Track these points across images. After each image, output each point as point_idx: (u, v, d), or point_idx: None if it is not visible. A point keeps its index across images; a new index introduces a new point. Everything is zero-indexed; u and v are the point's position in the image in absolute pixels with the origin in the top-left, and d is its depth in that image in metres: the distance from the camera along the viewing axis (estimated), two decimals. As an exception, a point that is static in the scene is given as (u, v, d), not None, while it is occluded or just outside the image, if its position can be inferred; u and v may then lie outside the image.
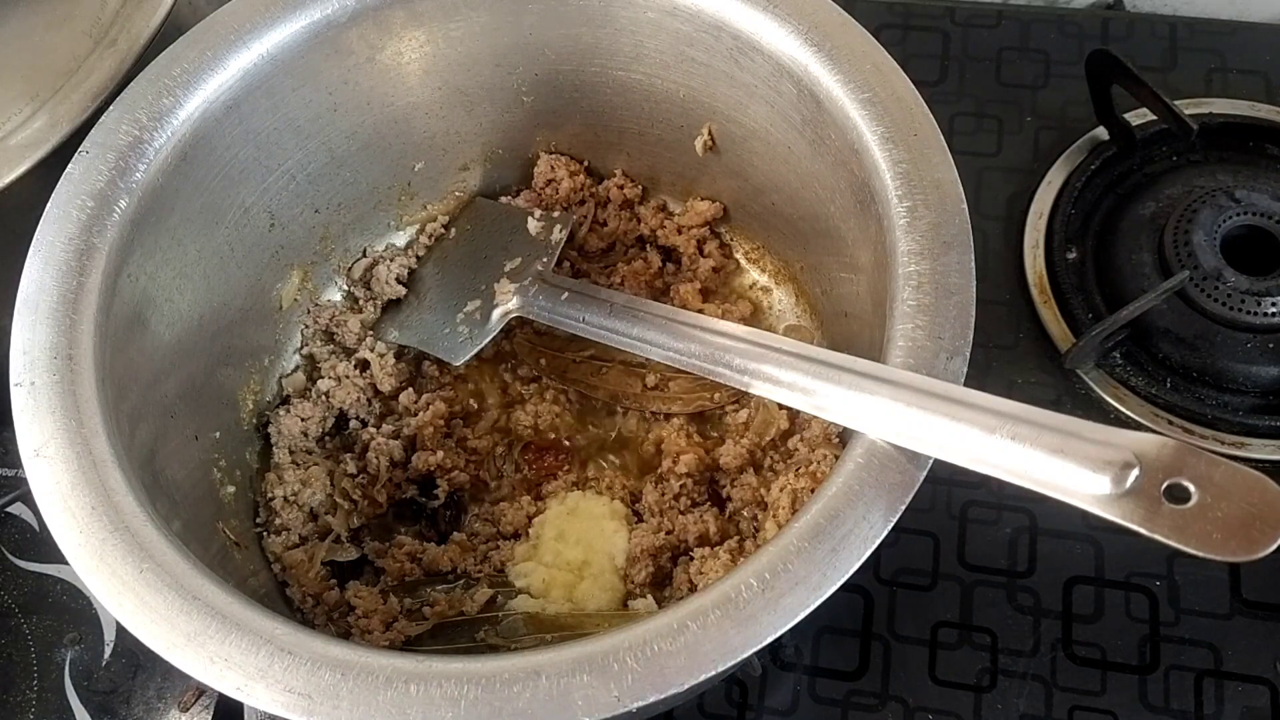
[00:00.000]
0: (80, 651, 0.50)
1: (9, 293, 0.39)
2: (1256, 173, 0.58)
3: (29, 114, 0.46)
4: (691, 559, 0.45)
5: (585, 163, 0.56)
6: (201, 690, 0.47)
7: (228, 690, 0.32)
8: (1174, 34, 0.65)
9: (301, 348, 0.53)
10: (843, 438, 0.44)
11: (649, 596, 0.44)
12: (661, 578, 0.46)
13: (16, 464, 0.37)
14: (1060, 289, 0.56)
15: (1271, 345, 0.53)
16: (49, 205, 0.41)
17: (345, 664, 0.31)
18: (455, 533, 0.49)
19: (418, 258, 0.55)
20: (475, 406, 0.53)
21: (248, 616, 0.33)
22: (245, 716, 0.44)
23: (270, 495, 0.48)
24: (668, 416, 0.50)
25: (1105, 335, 0.52)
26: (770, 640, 0.31)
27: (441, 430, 0.51)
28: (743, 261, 0.55)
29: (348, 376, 0.52)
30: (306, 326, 0.54)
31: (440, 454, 0.49)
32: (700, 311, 0.51)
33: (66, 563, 0.34)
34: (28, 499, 0.53)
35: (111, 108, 0.43)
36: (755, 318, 0.54)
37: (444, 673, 0.31)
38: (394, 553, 0.47)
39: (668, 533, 0.46)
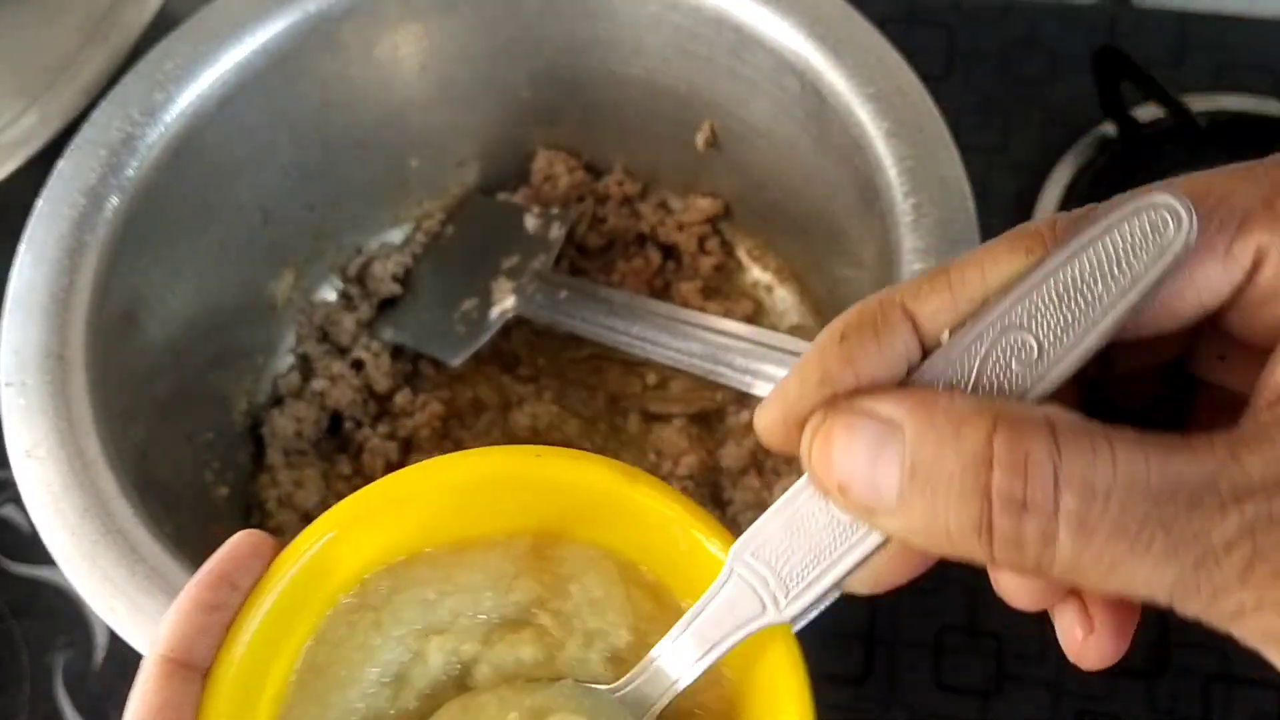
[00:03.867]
0: (72, 656, 0.49)
1: (-1, 290, 0.39)
2: (1266, 169, 0.57)
3: (20, 110, 0.45)
4: (692, 562, 0.44)
5: (584, 159, 0.56)
6: (195, 694, 0.47)
7: (218, 698, 0.31)
8: (1183, 28, 0.64)
9: (295, 347, 0.53)
10: (846, 438, 0.44)
11: (649, 599, 0.44)
12: (662, 580, 0.45)
13: (6, 465, 0.37)
14: (1066, 287, 0.55)
15: None
16: (40, 202, 0.40)
17: (338, 671, 0.31)
18: (453, 535, 0.48)
19: (414, 255, 0.55)
20: (472, 407, 0.52)
21: (239, 622, 0.32)
22: None
23: (264, 497, 0.48)
24: (668, 417, 0.50)
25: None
26: (772, 647, 0.30)
27: (438, 431, 0.50)
28: (744, 259, 0.55)
29: (342, 376, 0.51)
30: (301, 325, 0.53)
31: (437, 455, 0.49)
32: (701, 310, 0.50)
33: (58, 565, 0.34)
34: (18, 501, 0.52)
35: (103, 104, 0.42)
36: (757, 316, 0.53)
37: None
38: (390, 555, 0.47)
39: (668, 535, 0.45)
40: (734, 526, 0.49)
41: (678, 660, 0.21)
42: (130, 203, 0.41)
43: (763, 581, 0.20)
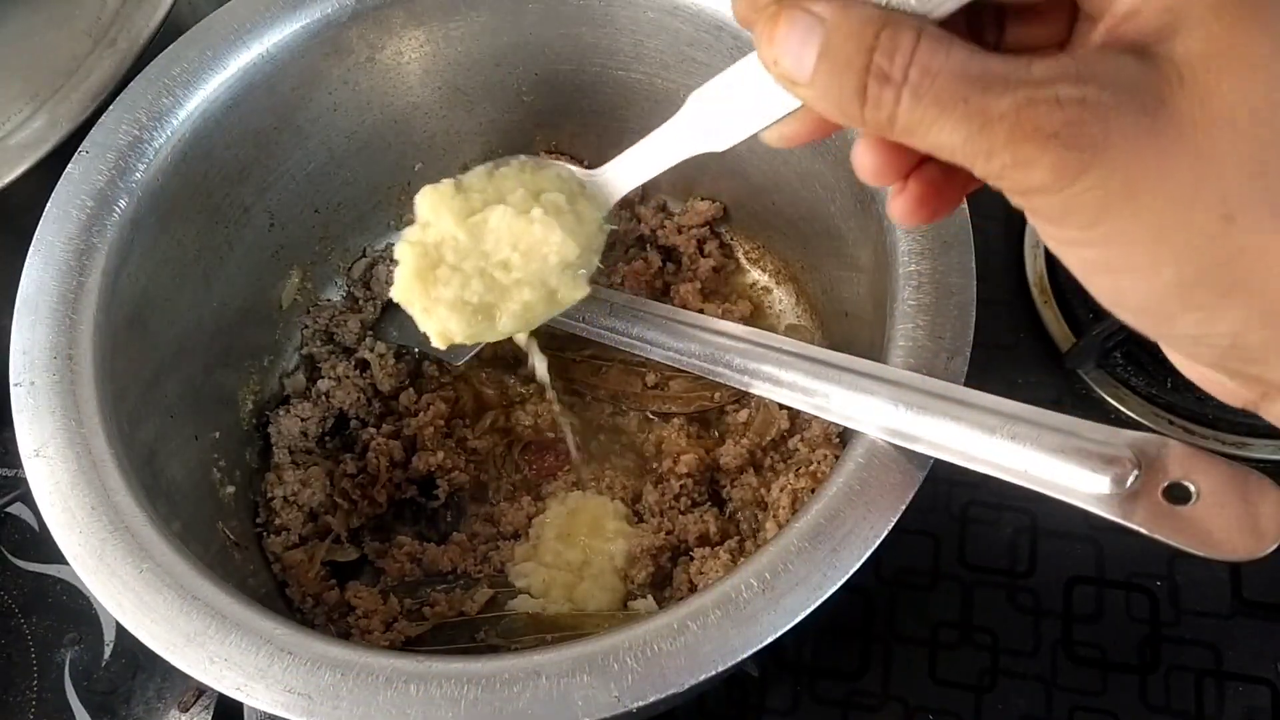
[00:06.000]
0: (80, 651, 0.50)
1: (9, 292, 0.39)
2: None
3: (29, 114, 0.46)
4: (692, 559, 0.45)
5: (585, 162, 0.56)
6: (201, 690, 0.47)
7: (227, 690, 0.32)
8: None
9: (301, 348, 0.53)
10: (843, 438, 0.44)
11: (649, 597, 0.44)
12: (662, 578, 0.46)
13: (16, 464, 0.37)
14: (1061, 288, 0.56)
15: (1272, 345, 0.53)
16: (49, 205, 0.41)
17: (345, 664, 0.31)
18: (455, 533, 0.49)
19: (418, 257, 0.55)
20: (475, 406, 0.53)
21: (247, 617, 0.33)
22: (245, 717, 0.44)
23: (270, 495, 0.48)
24: (668, 416, 0.50)
25: (1106, 335, 0.52)
26: (770, 640, 0.31)
27: (441, 430, 0.51)
28: (743, 261, 0.55)
29: (347, 376, 0.52)
30: (306, 326, 0.54)
31: (440, 454, 0.49)
32: (700, 311, 0.51)
33: (66, 563, 0.34)
34: (27, 499, 0.53)
35: (111, 107, 0.43)
36: (755, 317, 0.54)
37: (444, 673, 0.31)
38: (394, 553, 0.47)
39: (668, 533, 0.46)
40: (734, 524, 0.49)
41: (637, 165, 0.34)
42: (138, 205, 0.42)
43: (707, 119, 0.30)
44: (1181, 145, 0.21)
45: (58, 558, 0.35)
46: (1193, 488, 0.29)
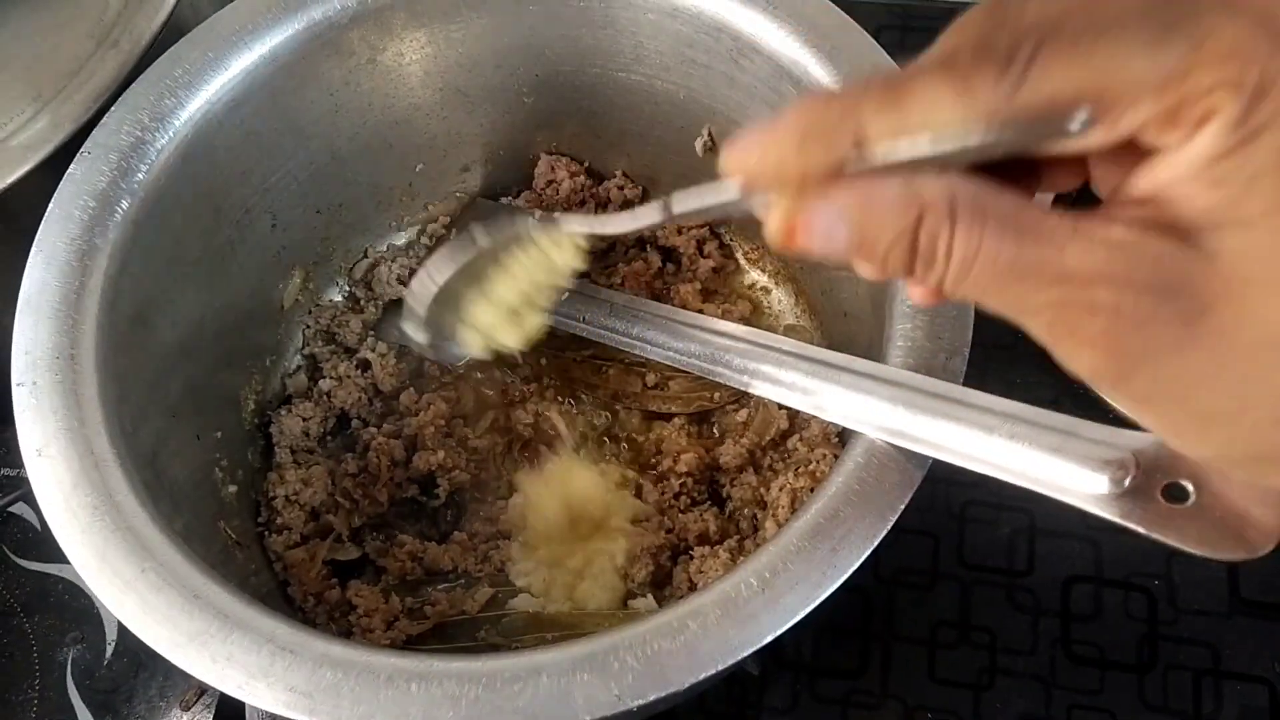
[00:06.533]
0: (82, 651, 0.50)
1: (12, 293, 0.39)
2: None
3: (31, 114, 0.46)
4: (691, 558, 0.45)
5: (586, 163, 0.56)
6: (203, 689, 0.47)
7: (229, 689, 0.32)
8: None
9: (303, 348, 0.54)
10: (842, 437, 0.44)
11: (649, 595, 0.44)
12: (661, 577, 0.46)
13: (18, 464, 0.37)
14: (1060, 289, 0.56)
15: (1270, 345, 0.53)
16: (51, 206, 0.41)
17: (346, 663, 0.32)
18: (456, 532, 0.49)
19: (419, 258, 0.56)
20: (475, 406, 0.53)
21: (249, 616, 0.33)
22: (247, 715, 0.44)
23: (272, 495, 0.48)
24: (668, 416, 0.50)
25: (1104, 335, 0.52)
26: (770, 639, 0.31)
27: (442, 430, 0.51)
28: (742, 261, 0.55)
29: (349, 376, 0.52)
30: (308, 327, 0.54)
31: (441, 453, 0.49)
32: (700, 311, 0.51)
33: (68, 562, 0.34)
34: (29, 498, 0.53)
35: (113, 108, 0.43)
36: (755, 317, 0.54)
37: (445, 671, 0.31)
38: (395, 552, 0.48)
39: (668, 531, 0.46)
40: (733, 523, 0.49)
41: (609, 225, 0.33)
42: (140, 206, 0.42)
43: (665, 207, 0.29)
44: (1229, 359, 0.21)
45: (60, 557, 0.35)
46: (1191, 487, 0.30)
